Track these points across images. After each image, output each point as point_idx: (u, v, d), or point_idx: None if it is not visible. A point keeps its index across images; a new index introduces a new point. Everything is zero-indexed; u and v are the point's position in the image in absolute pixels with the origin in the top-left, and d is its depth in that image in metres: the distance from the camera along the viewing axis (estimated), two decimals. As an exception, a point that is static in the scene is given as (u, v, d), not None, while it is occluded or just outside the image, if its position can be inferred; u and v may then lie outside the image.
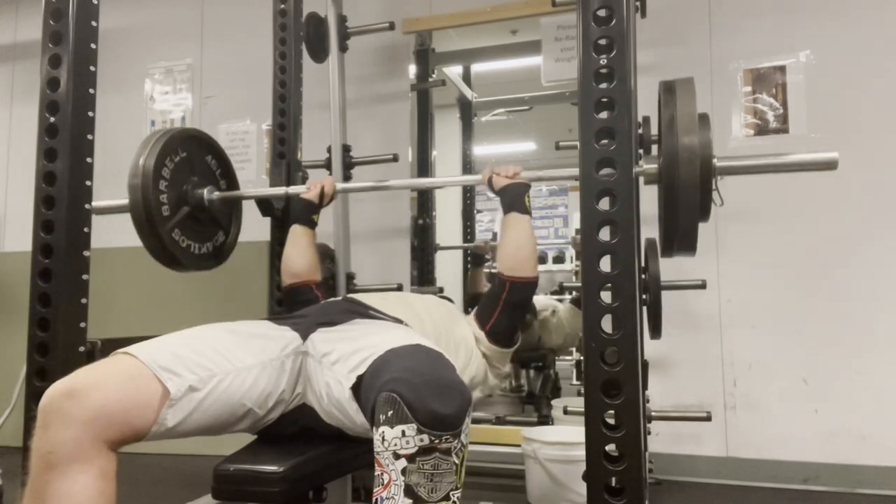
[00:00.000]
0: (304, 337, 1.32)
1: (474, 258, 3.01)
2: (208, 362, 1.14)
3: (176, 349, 1.14)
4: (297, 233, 1.89)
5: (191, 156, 1.90)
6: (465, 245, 3.18)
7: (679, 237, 1.31)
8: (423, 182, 2.99)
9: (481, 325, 1.64)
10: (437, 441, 0.94)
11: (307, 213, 1.91)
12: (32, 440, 1.00)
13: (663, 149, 1.29)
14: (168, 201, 1.80)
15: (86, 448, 0.97)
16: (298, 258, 1.85)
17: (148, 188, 1.72)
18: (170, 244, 1.80)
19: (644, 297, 1.70)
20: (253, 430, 1.30)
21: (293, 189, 2.02)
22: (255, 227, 2.30)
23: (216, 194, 1.95)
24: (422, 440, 0.93)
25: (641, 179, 1.34)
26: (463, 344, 1.59)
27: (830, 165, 1.33)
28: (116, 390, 1.03)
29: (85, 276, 1.50)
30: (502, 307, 1.62)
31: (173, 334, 1.22)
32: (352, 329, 1.35)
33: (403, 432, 0.94)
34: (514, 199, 1.69)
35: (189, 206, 1.88)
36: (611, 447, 1.20)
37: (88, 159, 1.53)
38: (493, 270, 3.16)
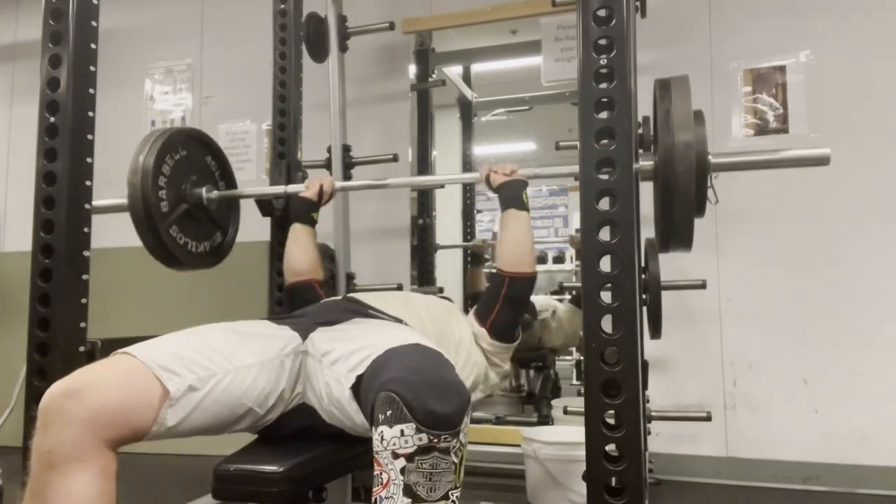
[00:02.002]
0: (304, 336, 1.32)
1: (474, 257, 3.02)
2: (208, 362, 1.14)
3: (175, 349, 1.14)
4: (297, 231, 1.90)
5: (190, 155, 1.91)
6: (465, 244, 3.18)
7: (675, 233, 1.32)
8: (421, 180, 2.98)
9: (482, 321, 1.65)
10: (435, 440, 0.94)
11: (306, 211, 1.92)
12: (32, 440, 1.00)
13: (659, 145, 1.29)
14: (167, 198, 1.80)
15: (86, 447, 0.97)
16: (301, 256, 1.86)
17: (147, 186, 1.73)
18: (168, 241, 1.80)
19: (644, 297, 1.70)
20: (253, 430, 1.30)
21: (292, 188, 2.02)
22: (255, 227, 2.30)
23: (215, 193, 1.96)
24: (420, 439, 0.93)
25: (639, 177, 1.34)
26: (462, 343, 1.60)
27: (822, 161, 1.35)
28: (116, 390, 1.03)
29: (85, 276, 1.50)
30: (502, 302, 1.63)
31: (173, 334, 1.22)
32: (351, 328, 1.35)
33: (402, 431, 0.94)
34: (512, 195, 1.71)
35: (187, 205, 1.88)
36: (611, 447, 1.20)
37: (88, 159, 1.53)
38: (492, 270, 3.14)
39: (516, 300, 1.66)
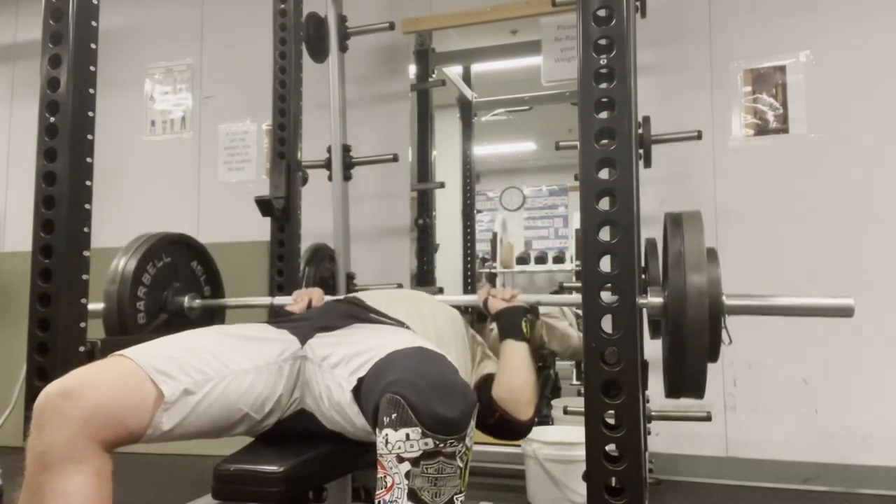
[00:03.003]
0: (303, 341, 1.31)
1: (478, 315, 2.94)
2: (204, 365, 1.13)
3: (171, 352, 1.13)
4: None
5: (175, 261, 1.85)
6: (467, 302, 3.08)
7: (687, 383, 1.23)
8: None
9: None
10: (441, 445, 0.93)
11: None
12: (27, 440, 1.00)
13: (670, 285, 1.23)
14: (145, 308, 1.74)
15: (80, 448, 0.97)
16: None
17: (124, 295, 1.67)
18: None
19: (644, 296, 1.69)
20: (250, 435, 1.29)
21: (278, 300, 1.93)
22: (255, 228, 2.30)
23: (197, 302, 1.89)
24: (426, 444, 0.92)
25: (644, 311, 1.26)
26: (466, 354, 1.57)
27: (846, 312, 1.26)
28: (111, 391, 1.02)
29: (85, 276, 1.50)
30: (488, 427, 1.53)
31: (170, 337, 1.21)
32: (352, 333, 1.34)
33: (408, 435, 0.92)
34: (511, 325, 1.62)
35: (167, 314, 1.81)
36: (611, 447, 1.20)
37: (88, 159, 1.53)
38: (492, 271, 3.10)
39: (501, 435, 1.56)
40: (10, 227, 3.62)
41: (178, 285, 1.85)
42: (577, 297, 1.25)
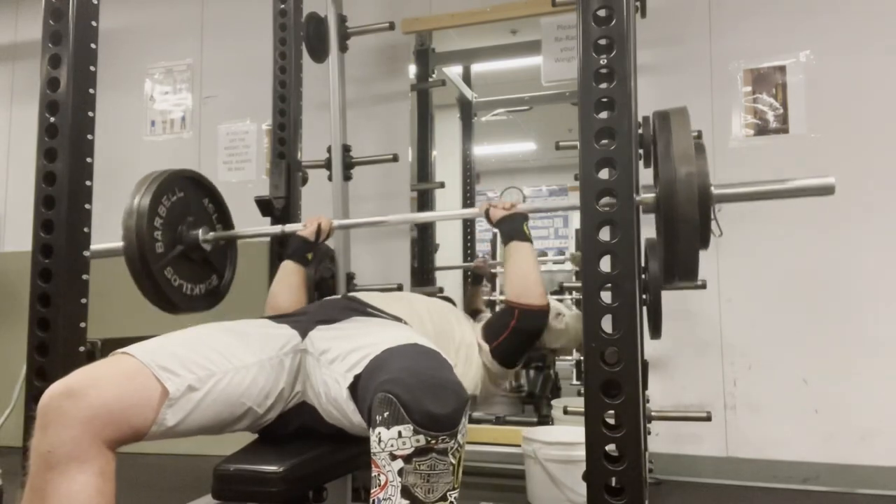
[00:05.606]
0: (303, 335, 1.32)
1: (474, 277, 2.99)
2: (207, 361, 1.14)
3: (174, 349, 1.13)
4: (287, 270, 1.83)
5: (187, 196, 1.86)
6: (465, 265, 3.14)
7: (680, 266, 1.29)
8: (421, 216, 2.91)
9: (488, 340, 1.63)
10: (433, 441, 0.94)
11: (302, 251, 1.87)
12: (32, 440, 1.00)
13: (661, 179, 1.26)
14: (162, 239, 1.75)
15: (84, 447, 0.97)
16: (286, 297, 1.80)
17: (142, 228, 1.68)
18: (162, 283, 1.74)
19: (644, 297, 1.70)
20: (253, 429, 1.30)
21: (289, 227, 1.96)
22: (254, 228, 2.29)
23: (211, 234, 1.91)
24: (418, 441, 0.93)
25: (640, 208, 1.31)
26: (463, 345, 1.59)
27: (827, 190, 1.35)
28: (115, 389, 1.03)
29: (85, 276, 1.50)
30: (511, 332, 1.61)
31: (172, 334, 1.22)
32: (350, 327, 1.35)
33: (400, 433, 0.94)
34: (514, 228, 1.70)
35: (183, 246, 1.82)
36: (611, 447, 1.20)
37: (88, 159, 1.53)
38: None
39: (525, 333, 1.63)
40: (10, 227, 3.63)
41: (191, 219, 1.87)
42: (574, 201, 1.28)
